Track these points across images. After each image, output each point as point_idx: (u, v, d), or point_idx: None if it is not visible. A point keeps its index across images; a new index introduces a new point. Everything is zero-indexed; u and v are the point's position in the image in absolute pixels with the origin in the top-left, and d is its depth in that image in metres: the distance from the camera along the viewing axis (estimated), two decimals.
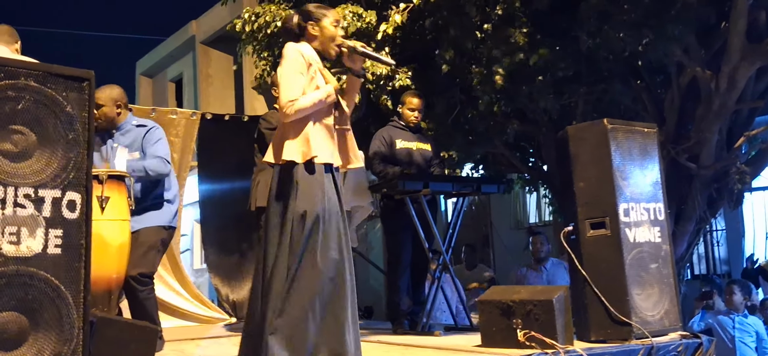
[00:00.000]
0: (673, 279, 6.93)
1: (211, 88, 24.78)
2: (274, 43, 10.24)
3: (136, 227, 6.66)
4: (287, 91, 5.14)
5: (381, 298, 17.74)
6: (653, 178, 7.02)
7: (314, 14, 5.42)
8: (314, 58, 5.31)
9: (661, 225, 6.96)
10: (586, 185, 6.73)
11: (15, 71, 4.11)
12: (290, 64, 5.22)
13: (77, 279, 4.24)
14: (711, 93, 9.58)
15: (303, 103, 5.12)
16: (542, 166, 12.20)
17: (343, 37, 5.48)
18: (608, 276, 6.54)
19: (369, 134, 8.63)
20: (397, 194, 7.53)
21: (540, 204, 17.64)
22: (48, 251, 4.14)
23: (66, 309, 4.20)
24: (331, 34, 5.38)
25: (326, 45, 5.40)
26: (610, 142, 6.66)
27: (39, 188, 4.14)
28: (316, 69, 5.29)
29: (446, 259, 7.70)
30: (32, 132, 4.14)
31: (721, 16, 9.54)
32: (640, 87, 10.25)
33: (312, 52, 5.34)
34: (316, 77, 5.26)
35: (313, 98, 5.16)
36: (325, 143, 5.26)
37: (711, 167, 10.09)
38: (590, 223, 6.68)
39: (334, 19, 5.42)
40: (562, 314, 6.00)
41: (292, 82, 5.16)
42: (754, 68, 9.54)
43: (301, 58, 5.23)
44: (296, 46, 5.31)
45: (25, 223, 4.06)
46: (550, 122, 10.52)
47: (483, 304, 6.33)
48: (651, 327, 6.50)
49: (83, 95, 4.32)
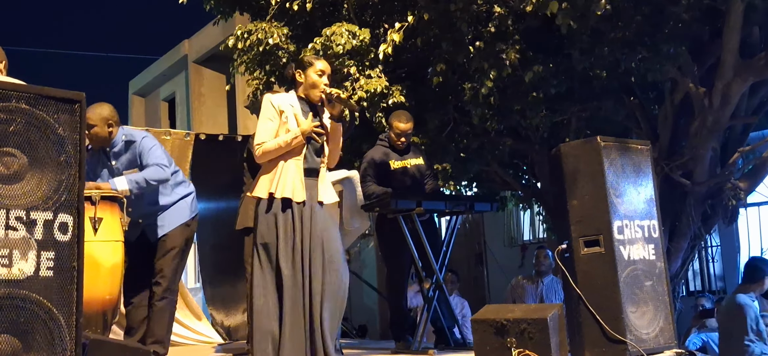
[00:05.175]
0: (668, 297, 6.92)
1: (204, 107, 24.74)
2: (266, 61, 10.22)
3: (162, 233, 6.96)
4: (257, 135, 5.95)
5: (375, 316, 17.72)
6: (647, 195, 7.01)
7: (303, 63, 6.15)
8: (287, 105, 6.00)
9: (656, 242, 6.95)
10: (579, 202, 6.71)
11: (6, 94, 4.11)
12: (262, 112, 6.01)
13: (70, 301, 4.24)
14: (704, 109, 9.58)
15: (269, 146, 5.87)
16: (536, 183, 12.18)
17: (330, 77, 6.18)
18: (603, 293, 6.52)
19: (361, 152, 8.62)
20: (390, 213, 7.52)
21: (534, 222, 17.61)
22: (40, 273, 4.14)
23: (58, 331, 4.19)
24: (312, 82, 6.06)
25: (309, 91, 6.08)
26: (604, 159, 6.65)
27: (31, 211, 4.14)
28: (290, 114, 5.96)
29: (440, 278, 7.68)
30: (24, 154, 4.14)
31: (714, 32, 9.54)
32: (634, 104, 10.24)
33: (287, 99, 6.06)
34: (287, 122, 5.93)
35: (278, 141, 5.87)
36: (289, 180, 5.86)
37: (705, 183, 10.08)
38: (584, 241, 6.67)
39: (319, 69, 6.08)
40: (556, 332, 5.99)
41: (261, 128, 5.94)
42: (747, 84, 9.53)
43: (270, 106, 5.98)
44: (269, 96, 6.08)
45: (16, 246, 4.06)
46: (543, 139, 10.51)
47: (477, 323, 6.31)
48: (646, 344, 6.49)
49: (74, 117, 4.32)
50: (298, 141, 5.87)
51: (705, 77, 9.77)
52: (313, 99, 6.09)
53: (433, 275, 7.62)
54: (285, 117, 5.92)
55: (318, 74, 6.05)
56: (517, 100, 9.47)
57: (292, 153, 5.90)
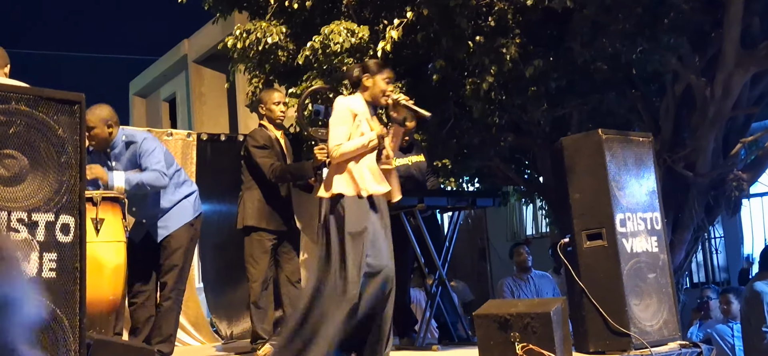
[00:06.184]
0: (672, 289, 6.92)
1: (205, 106, 24.69)
2: (265, 61, 10.19)
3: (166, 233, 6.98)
4: (332, 138, 6.14)
5: None
6: (649, 187, 7.00)
7: (371, 69, 6.33)
8: (360, 109, 6.20)
9: (658, 234, 6.95)
10: (581, 196, 6.72)
11: (6, 96, 4.10)
12: (335, 115, 6.20)
13: (73, 302, 4.24)
14: (706, 100, 9.56)
15: (347, 148, 6.07)
16: (538, 177, 12.16)
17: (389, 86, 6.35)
18: (606, 287, 6.52)
19: None
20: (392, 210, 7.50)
21: (536, 216, 17.59)
22: (43, 275, 4.13)
23: (62, 332, 4.19)
24: (381, 88, 6.28)
25: (377, 96, 6.29)
26: (605, 152, 6.65)
27: (32, 212, 4.14)
28: (362, 119, 6.17)
29: (443, 274, 7.67)
30: (24, 156, 4.14)
31: (715, 23, 9.51)
32: (635, 96, 10.21)
33: (357, 102, 6.25)
34: (361, 125, 6.15)
35: (355, 144, 6.08)
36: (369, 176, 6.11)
37: (708, 174, 10.06)
38: (587, 234, 6.67)
39: (386, 77, 6.30)
40: (559, 326, 5.98)
41: (336, 131, 6.13)
42: (748, 75, 9.52)
43: (345, 109, 6.17)
44: (342, 99, 6.30)
45: (18, 247, 4.05)
46: (545, 133, 10.48)
47: (480, 318, 6.30)
48: (650, 337, 6.49)
49: (74, 118, 4.32)
50: (374, 144, 6.14)
51: (706, 68, 9.74)
52: (378, 103, 6.34)
53: (436, 271, 7.62)
54: (358, 121, 6.15)
55: (385, 81, 6.29)
56: (518, 94, 9.46)
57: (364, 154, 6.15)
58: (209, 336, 9.96)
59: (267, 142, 7.66)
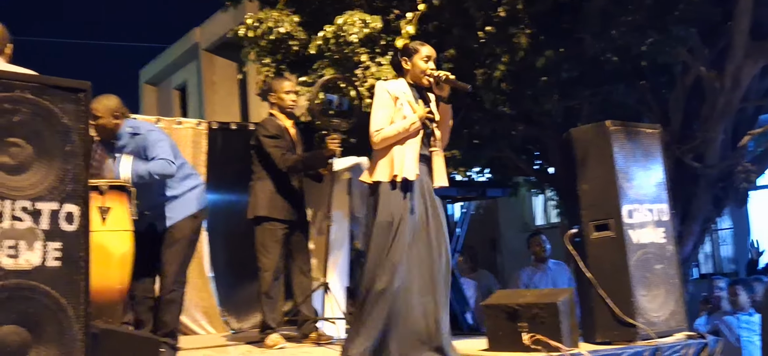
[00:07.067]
0: (679, 280, 6.93)
1: (216, 95, 24.73)
2: (276, 50, 10.18)
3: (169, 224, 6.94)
4: (374, 122, 6.08)
5: None
6: (657, 179, 7.01)
7: (408, 51, 6.30)
8: (401, 92, 6.16)
9: (666, 226, 6.96)
10: (589, 187, 6.73)
11: (11, 83, 4.10)
12: (376, 100, 6.17)
13: (77, 291, 4.24)
14: (715, 92, 9.54)
15: (388, 132, 6.02)
16: (548, 168, 12.16)
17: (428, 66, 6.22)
18: (613, 277, 6.54)
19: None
20: None
21: (547, 207, 17.60)
22: (47, 264, 4.14)
23: (67, 321, 4.20)
24: (420, 68, 6.19)
25: (417, 77, 6.21)
26: (613, 143, 6.67)
27: (36, 201, 4.14)
28: (404, 101, 6.12)
29: (453, 264, 7.67)
30: (29, 144, 4.14)
31: (725, 14, 9.48)
32: (645, 88, 10.20)
33: (399, 86, 6.21)
34: (402, 108, 6.09)
35: (397, 128, 6.03)
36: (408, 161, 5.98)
37: (716, 166, 10.04)
38: (594, 225, 6.70)
39: (424, 55, 6.22)
40: (567, 316, 6.01)
41: (378, 115, 6.09)
42: (758, 66, 9.50)
43: (386, 93, 6.13)
44: (383, 83, 6.27)
45: (23, 236, 4.07)
46: (555, 124, 10.47)
47: (489, 308, 6.34)
48: (657, 327, 6.51)
49: (80, 107, 4.32)
50: (416, 127, 6.05)
51: (716, 60, 9.71)
52: (422, 84, 6.24)
53: None
54: (399, 104, 6.10)
55: (424, 60, 6.20)
56: (529, 85, 9.45)
57: (408, 137, 6.05)
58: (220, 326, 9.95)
59: (278, 131, 7.66)
